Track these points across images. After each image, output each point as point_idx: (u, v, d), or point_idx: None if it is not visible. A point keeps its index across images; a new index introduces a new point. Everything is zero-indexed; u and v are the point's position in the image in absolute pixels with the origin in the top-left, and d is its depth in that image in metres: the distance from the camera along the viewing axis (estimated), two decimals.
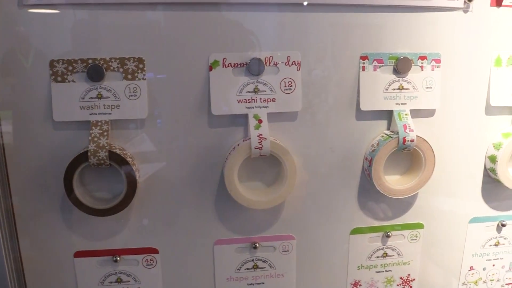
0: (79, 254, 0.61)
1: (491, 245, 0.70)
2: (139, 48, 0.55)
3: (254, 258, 0.64)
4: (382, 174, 0.60)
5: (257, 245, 0.63)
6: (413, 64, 0.60)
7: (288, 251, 0.64)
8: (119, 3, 0.53)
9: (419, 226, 0.67)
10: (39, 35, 0.53)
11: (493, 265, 0.71)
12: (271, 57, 0.57)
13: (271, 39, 0.57)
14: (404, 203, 0.66)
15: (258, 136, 0.56)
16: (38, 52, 0.53)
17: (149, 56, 0.55)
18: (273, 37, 0.57)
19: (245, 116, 0.58)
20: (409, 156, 0.63)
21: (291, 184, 0.58)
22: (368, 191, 0.63)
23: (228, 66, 0.57)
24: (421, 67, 0.61)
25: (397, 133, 0.59)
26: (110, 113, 0.56)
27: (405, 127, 0.59)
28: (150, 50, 0.55)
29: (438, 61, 0.61)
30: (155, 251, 0.62)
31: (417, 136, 0.59)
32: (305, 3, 0.56)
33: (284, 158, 0.57)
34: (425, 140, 0.60)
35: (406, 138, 0.59)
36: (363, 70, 0.59)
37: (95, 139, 0.55)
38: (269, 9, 0.56)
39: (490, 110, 0.64)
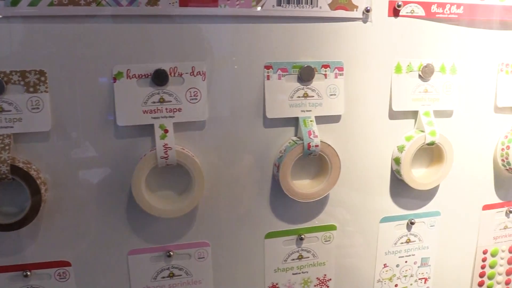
0: None
1: (402, 243, 0.73)
2: (41, 60, 0.55)
3: (169, 266, 0.64)
4: (289, 179, 0.62)
5: (171, 253, 0.63)
6: (316, 72, 0.62)
7: (203, 257, 0.65)
8: (19, 16, 0.53)
9: (332, 227, 0.69)
10: None
11: (406, 262, 0.75)
12: (175, 68, 0.58)
13: (176, 50, 0.58)
14: (316, 206, 0.68)
15: (163, 146, 0.57)
16: None
17: (52, 69, 0.55)
18: (178, 48, 0.58)
19: (152, 126, 0.58)
20: (318, 161, 0.66)
21: (199, 193, 0.59)
22: (279, 196, 0.65)
23: (132, 77, 0.57)
24: (325, 75, 0.63)
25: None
26: (12, 127, 0.55)
27: (309, 133, 0.61)
28: (53, 62, 0.55)
29: (341, 69, 0.63)
30: (67, 264, 0.61)
31: (321, 141, 0.62)
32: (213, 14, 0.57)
33: (191, 167, 0.58)
34: (329, 145, 0.62)
35: (310, 144, 0.61)
36: (268, 79, 0.61)
37: None
38: (173, 20, 0.57)
39: (393, 114, 0.67)
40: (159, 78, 0.57)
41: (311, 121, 0.63)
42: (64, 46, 0.55)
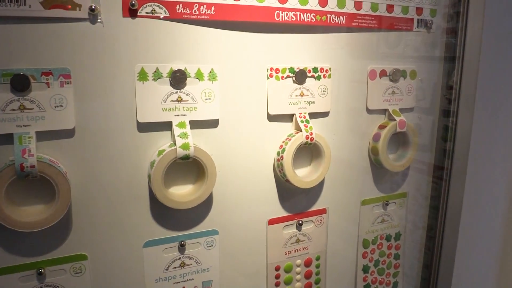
0: None
1: (176, 267, 0.66)
2: None
3: None
4: (3, 206, 0.53)
5: None
6: (35, 81, 0.54)
7: None
8: None
9: (83, 257, 0.60)
10: None
11: (184, 287, 0.68)
12: None
13: None
14: (58, 236, 0.59)
15: None
16: None
17: None
18: None
19: None
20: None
21: None
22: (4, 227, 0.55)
23: None
24: (47, 83, 0.55)
25: None
26: None
27: (24, 152, 0.52)
28: None
29: (68, 76, 0.55)
30: None
31: (41, 161, 0.53)
32: None
33: None
34: (51, 165, 0.54)
35: (24, 164, 0.52)
36: None
37: None
38: None
39: (142, 127, 0.60)
40: None
41: (29, 137, 0.54)
42: None
